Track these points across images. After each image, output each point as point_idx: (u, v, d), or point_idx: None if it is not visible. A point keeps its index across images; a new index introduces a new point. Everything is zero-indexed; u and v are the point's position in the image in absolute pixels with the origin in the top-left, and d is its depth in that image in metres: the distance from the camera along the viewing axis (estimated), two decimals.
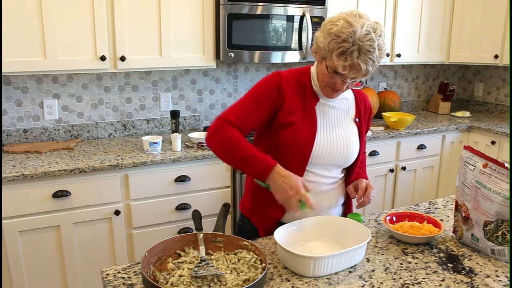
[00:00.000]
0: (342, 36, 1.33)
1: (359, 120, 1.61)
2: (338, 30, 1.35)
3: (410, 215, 1.56)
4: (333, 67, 1.39)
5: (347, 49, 1.33)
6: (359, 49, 1.33)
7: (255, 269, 1.18)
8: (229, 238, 1.30)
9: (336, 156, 1.54)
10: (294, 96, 1.51)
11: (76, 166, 2.19)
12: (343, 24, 1.35)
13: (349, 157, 1.57)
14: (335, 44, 1.35)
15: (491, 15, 3.40)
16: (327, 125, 1.54)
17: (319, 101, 1.54)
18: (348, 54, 1.34)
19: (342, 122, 1.57)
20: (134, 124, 2.91)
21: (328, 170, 1.56)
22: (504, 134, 3.19)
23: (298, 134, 1.48)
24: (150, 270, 1.19)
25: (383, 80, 3.83)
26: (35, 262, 2.21)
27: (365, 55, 1.34)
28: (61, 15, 2.30)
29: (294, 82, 1.52)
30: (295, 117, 1.49)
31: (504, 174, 1.28)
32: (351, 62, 1.34)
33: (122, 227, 2.36)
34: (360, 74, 1.38)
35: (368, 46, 1.33)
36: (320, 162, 1.52)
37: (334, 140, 1.53)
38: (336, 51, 1.35)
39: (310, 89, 1.53)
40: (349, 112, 1.60)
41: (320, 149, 1.50)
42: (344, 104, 1.58)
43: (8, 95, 2.57)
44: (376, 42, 1.34)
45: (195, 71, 3.03)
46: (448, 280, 1.22)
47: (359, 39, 1.33)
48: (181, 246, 1.30)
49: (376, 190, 3.22)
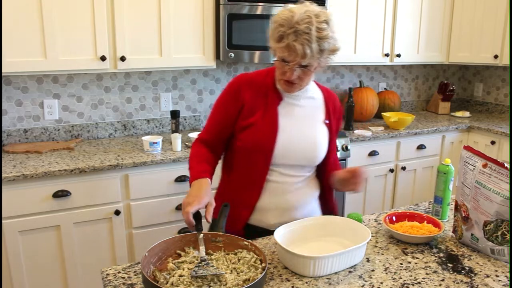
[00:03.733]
0: (280, 21, 1.35)
1: (329, 121, 1.59)
2: (278, 17, 1.37)
3: (410, 215, 1.56)
4: (277, 54, 1.40)
5: (284, 32, 1.34)
6: (295, 31, 1.33)
7: (255, 269, 1.18)
8: (229, 238, 1.30)
9: (300, 156, 1.52)
10: (254, 97, 1.50)
11: (76, 166, 2.20)
12: (284, 11, 1.37)
13: (315, 158, 1.54)
14: (274, 29, 1.37)
15: (491, 15, 3.40)
16: (291, 124, 1.51)
17: (282, 100, 1.52)
18: (285, 37, 1.34)
19: (309, 121, 1.55)
20: (134, 124, 2.91)
21: (295, 170, 1.54)
22: (504, 134, 3.19)
23: (258, 135, 1.48)
24: (150, 270, 1.19)
25: (383, 80, 3.83)
26: (35, 262, 2.21)
27: (301, 36, 1.32)
28: (61, 15, 2.30)
29: (256, 82, 1.52)
30: (255, 118, 1.49)
31: (504, 174, 1.28)
32: (287, 43, 1.34)
33: (122, 227, 2.36)
34: (298, 56, 1.35)
35: (304, 28, 1.32)
36: (284, 162, 1.51)
37: (298, 140, 1.51)
38: (275, 35, 1.36)
39: (274, 88, 1.52)
40: (317, 112, 1.57)
41: (283, 149, 1.49)
42: (310, 103, 1.56)
43: (8, 95, 2.58)
44: (315, 25, 1.33)
45: (195, 71, 3.03)
46: (448, 280, 1.22)
47: (297, 22, 1.33)
48: (181, 246, 1.30)
49: (376, 190, 3.24)
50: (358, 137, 2.99)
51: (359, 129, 3.18)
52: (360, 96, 3.38)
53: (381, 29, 3.28)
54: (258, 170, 1.50)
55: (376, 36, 3.27)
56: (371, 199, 3.19)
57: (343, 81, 3.64)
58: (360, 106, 3.37)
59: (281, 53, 1.37)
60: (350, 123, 3.17)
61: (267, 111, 1.50)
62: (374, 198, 3.20)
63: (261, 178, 1.51)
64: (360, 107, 3.38)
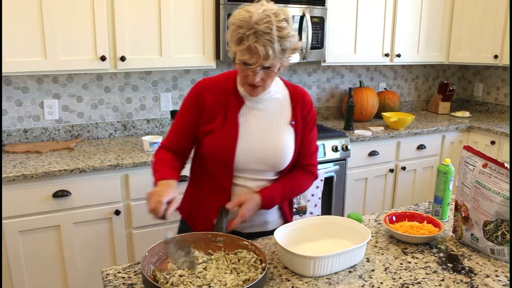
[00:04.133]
0: (237, 22, 1.30)
1: (295, 122, 1.51)
2: (235, 18, 1.32)
3: (410, 215, 1.56)
4: (238, 57, 1.34)
5: (243, 34, 1.29)
6: (255, 32, 1.28)
7: (255, 269, 1.18)
8: (229, 238, 1.30)
9: (263, 162, 1.47)
10: (215, 102, 1.46)
11: (76, 166, 2.20)
12: (240, 12, 1.32)
13: (279, 162, 1.49)
14: (233, 32, 1.32)
15: (491, 15, 3.40)
16: (252, 130, 1.46)
17: (244, 104, 1.47)
18: (245, 39, 1.29)
19: (272, 125, 1.48)
20: (134, 124, 2.91)
21: (261, 174, 1.50)
22: (503, 134, 3.19)
23: (218, 142, 1.44)
24: (150, 270, 1.19)
25: (383, 80, 3.83)
26: (35, 262, 2.21)
27: (261, 37, 1.28)
28: (61, 15, 2.30)
29: (216, 87, 1.48)
30: (214, 124, 1.45)
31: (503, 174, 1.28)
32: (247, 45, 1.28)
33: (122, 227, 2.36)
34: (260, 58, 1.30)
35: (264, 28, 1.27)
36: (247, 167, 1.47)
37: (260, 146, 1.46)
38: (234, 38, 1.31)
39: (235, 92, 1.48)
40: (282, 113, 1.51)
41: (244, 155, 1.44)
42: (274, 104, 1.50)
43: (8, 95, 2.58)
44: (275, 24, 1.28)
45: (195, 71, 3.03)
46: (447, 280, 1.22)
47: (256, 23, 1.28)
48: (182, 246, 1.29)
49: (376, 190, 3.24)
50: (358, 137, 2.99)
51: (359, 129, 3.18)
52: (360, 96, 3.38)
53: (381, 29, 3.28)
54: (222, 176, 1.47)
55: (376, 36, 3.27)
56: (371, 199, 3.19)
57: (343, 81, 3.64)
58: (360, 106, 3.37)
59: (242, 56, 1.32)
60: (350, 123, 3.17)
61: (227, 117, 1.46)
62: (374, 198, 3.20)
63: (227, 183, 1.48)
64: (360, 107, 3.38)
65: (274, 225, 1.58)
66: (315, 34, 2.90)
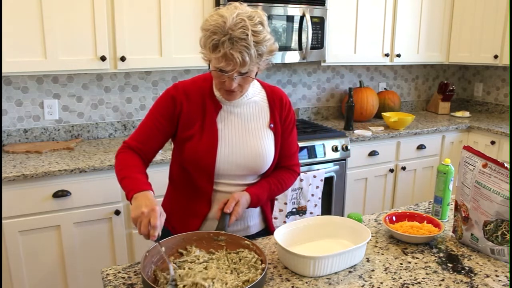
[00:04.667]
0: (211, 28, 1.25)
1: (274, 125, 1.49)
2: (208, 24, 1.27)
3: (410, 215, 1.56)
4: (213, 64, 1.30)
5: (218, 40, 1.24)
6: (230, 38, 1.23)
7: (255, 269, 1.18)
8: (231, 237, 1.30)
9: (244, 167, 1.45)
10: (192, 107, 1.42)
11: (76, 166, 2.20)
12: (213, 17, 1.27)
13: (260, 166, 1.47)
14: (206, 38, 1.27)
15: (491, 15, 3.40)
16: (232, 134, 1.44)
17: (222, 109, 1.44)
18: (220, 46, 1.24)
19: (251, 129, 1.46)
20: (135, 124, 2.91)
21: (242, 179, 1.48)
22: (503, 134, 3.19)
23: (198, 148, 1.41)
24: (151, 269, 1.19)
25: (383, 80, 3.83)
26: (35, 262, 2.21)
27: (237, 43, 1.23)
28: (61, 15, 2.30)
29: (193, 91, 1.44)
30: (193, 130, 1.42)
31: (503, 174, 1.28)
32: (223, 53, 1.24)
33: (122, 227, 2.36)
34: (237, 65, 1.26)
35: (240, 33, 1.23)
36: (228, 173, 1.44)
37: (240, 151, 1.43)
38: (209, 45, 1.26)
39: (211, 96, 1.44)
40: (260, 116, 1.48)
41: (224, 161, 1.42)
42: (252, 108, 1.48)
43: (8, 95, 2.58)
44: (250, 29, 1.25)
45: (195, 71, 3.03)
46: (447, 280, 1.22)
47: (230, 28, 1.23)
48: (183, 245, 1.30)
49: (376, 190, 3.24)
50: (358, 137, 2.99)
51: (359, 129, 3.18)
52: (360, 96, 3.38)
53: (381, 29, 3.28)
54: (203, 183, 1.45)
55: (376, 36, 3.27)
56: (371, 199, 3.19)
57: (343, 81, 3.64)
58: (360, 106, 3.37)
59: (218, 63, 1.28)
60: (350, 123, 3.17)
61: (206, 122, 1.42)
62: (374, 198, 3.20)
63: (207, 190, 1.46)
64: (360, 107, 3.38)
65: (256, 229, 1.58)
66: (315, 34, 2.90)
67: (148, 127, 1.45)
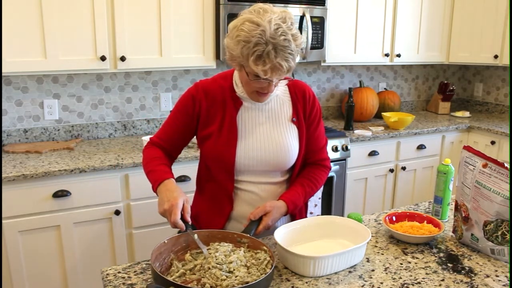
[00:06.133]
0: (253, 40, 1.22)
1: (297, 119, 1.48)
2: (246, 35, 1.23)
3: (410, 215, 1.56)
4: (253, 73, 1.28)
5: (262, 52, 1.23)
6: (274, 48, 1.23)
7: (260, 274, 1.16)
8: (253, 241, 1.28)
9: (266, 162, 1.44)
10: (211, 105, 1.43)
11: (76, 166, 2.20)
12: (249, 27, 1.23)
13: (283, 161, 1.45)
14: (248, 50, 1.24)
15: (491, 15, 3.40)
16: (252, 129, 1.44)
17: (242, 105, 1.44)
18: (265, 57, 1.23)
19: (273, 123, 1.46)
20: (134, 124, 2.91)
21: (264, 177, 1.47)
22: (503, 134, 3.19)
23: (217, 144, 1.42)
24: (170, 258, 1.22)
25: (383, 80, 3.83)
26: (35, 262, 2.21)
27: (282, 52, 1.24)
28: (61, 15, 2.30)
29: (213, 90, 1.45)
30: (213, 128, 1.43)
31: (504, 174, 1.28)
32: (271, 64, 1.24)
33: (122, 227, 2.36)
34: (283, 73, 1.28)
35: (282, 41, 1.23)
36: (248, 169, 1.44)
37: (260, 145, 1.43)
38: (252, 57, 1.24)
39: (232, 94, 1.44)
40: (282, 111, 1.47)
41: (244, 156, 1.42)
42: (273, 102, 1.47)
43: (8, 95, 2.57)
44: (289, 34, 1.24)
45: (195, 71, 3.03)
46: (447, 280, 1.22)
47: (271, 37, 1.22)
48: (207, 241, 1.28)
49: (376, 190, 3.23)
50: (358, 137, 2.99)
51: (359, 129, 3.18)
52: (360, 96, 3.38)
53: (381, 29, 3.28)
54: (224, 181, 1.45)
55: (376, 36, 3.27)
56: (371, 199, 3.19)
57: (343, 81, 3.64)
58: (360, 106, 3.37)
59: (264, 74, 1.26)
60: (350, 123, 3.17)
61: (225, 119, 1.43)
62: (374, 198, 3.20)
63: (228, 187, 1.46)
64: (360, 107, 3.38)
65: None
66: (315, 34, 2.90)
67: (169, 125, 1.51)
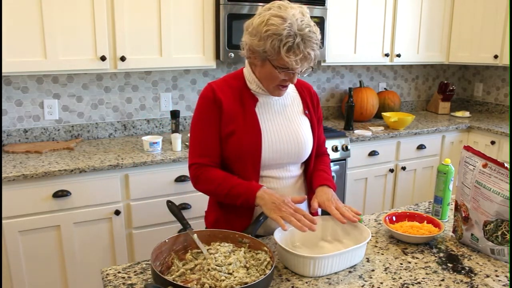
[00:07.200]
0: (284, 33, 1.32)
1: (308, 111, 1.57)
2: (277, 29, 1.32)
3: (410, 215, 1.56)
4: (283, 64, 1.36)
5: (292, 43, 1.32)
6: (303, 39, 1.33)
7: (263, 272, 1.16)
8: (254, 241, 1.28)
9: (289, 154, 1.49)
10: (230, 103, 1.46)
11: (76, 166, 2.20)
12: (277, 21, 1.33)
13: (302, 152, 1.52)
14: (279, 43, 1.32)
15: (491, 15, 3.40)
16: (273, 123, 1.49)
17: (258, 101, 1.49)
18: (296, 48, 1.33)
19: (289, 117, 1.52)
20: (134, 124, 2.91)
21: (285, 170, 1.52)
22: (503, 134, 3.19)
23: (243, 142, 1.43)
24: (171, 257, 1.22)
25: (383, 80, 3.83)
26: (35, 262, 2.21)
27: (310, 42, 1.34)
28: (61, 15, 2.30)
29: (228, 88, 1.48)
30: (235, 125, 1.44)
31: (503, 174, 1.28)
32: (302, 55, 1.34)
33: (122, 227, 2.36)
34: (310, 62, 1.37)
35: (308, 32, 1.33)
36: (273, 163, 1.48)
37: (283, 139, 1.48)
38: (284, 48, 1.32)
39: (247, 91, 1.48)
40: (294, 105, 1.55)
41: (270, 150, 1.46)
42: (285, 98, 1.54)
43: (8, 95, 2.58)
44: (312, 25, 1.36)
45: (195, 71, 3.03)
46: (448, 280, 1.22)
47: (299, 29, 1.32)
48: (208, 240, 1.29)
49: (376, 190, 3.23)
50: (358, 137, 2.99)
51: (359, 129, 3.18)
52: (360, 96, 3.38)
53: (381, 29, 3.28)
54: (248, 177, 1.45)
55: (376, 36, 3.27)
56: (371, 199, 3.19)
57: (343, 81, 3.64)
58: (360, 106, 3.37)
59: (295, 64, 1.34)
60: (350, 123, 3.17)
61: (246, 115, 1.46)
62: (374, 198, 3.20)
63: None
64: (360, 107, 3.38)
65: None
66: None
67: (204, 138, 1.47)
